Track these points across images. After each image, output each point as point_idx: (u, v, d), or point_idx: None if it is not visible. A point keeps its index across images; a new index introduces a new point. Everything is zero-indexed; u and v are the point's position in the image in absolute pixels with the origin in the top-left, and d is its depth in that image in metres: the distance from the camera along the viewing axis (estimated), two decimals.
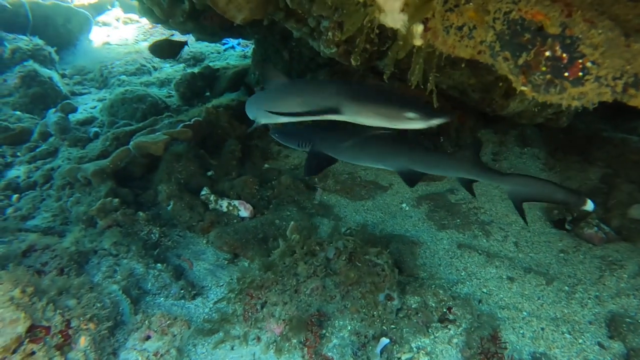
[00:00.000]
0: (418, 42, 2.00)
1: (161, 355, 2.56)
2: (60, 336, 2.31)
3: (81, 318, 2.40)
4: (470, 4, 1.78)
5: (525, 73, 1.71)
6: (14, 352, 2.16)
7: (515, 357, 3.15)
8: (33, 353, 2.17)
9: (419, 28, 1.93)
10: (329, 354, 3.02)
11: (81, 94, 8.95)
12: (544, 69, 1.67)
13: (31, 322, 2.21)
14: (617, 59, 1.58)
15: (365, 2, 1.95)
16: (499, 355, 2.98)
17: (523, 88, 1.78)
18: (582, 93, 1.64)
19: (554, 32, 1.62)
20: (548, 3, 1.63)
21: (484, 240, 4.49)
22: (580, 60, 1.61)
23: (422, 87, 2.35)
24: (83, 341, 2.36)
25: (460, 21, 1.82)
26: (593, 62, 1.60)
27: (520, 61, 1.69)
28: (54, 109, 7.27)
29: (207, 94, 8.23)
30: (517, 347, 3.28)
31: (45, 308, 2.31)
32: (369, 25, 2.06)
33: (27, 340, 2.21)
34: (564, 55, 1.64)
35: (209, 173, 5.22)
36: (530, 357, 3.20)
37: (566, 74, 1.65)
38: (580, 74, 1.64)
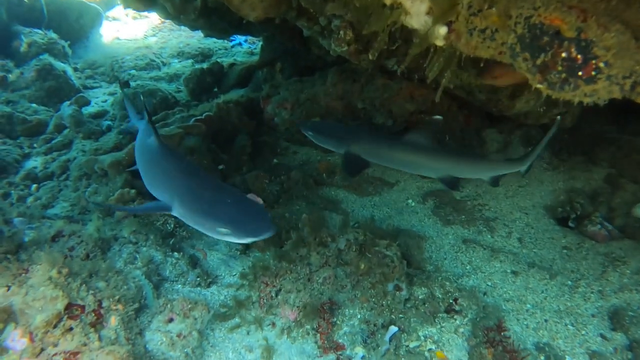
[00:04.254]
0: (440, 42, 2.13)
1: (184, 337, 2.69)
2: (93, 315, 2.46)
3: (110, 299, 2.55)
4: (493, 9, 1.93)
5: (542, 72, 1.86)
6: (55, 326, 2.32)
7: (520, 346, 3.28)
8: (71, 329, 2.32)
9: (442, 30, 2.07)
10: (340, 340, 3.15)
11: (92, 88, 9.09)
12: (559, 68, 1.83)
13: (68, 300, 2.36)
14: (628, 60, 1.73)
15: (392, 4, 2.09)
16: (504, 343, 3.11)
17: (539, 85, 1.94)
18: (594, 90, 1.80)
19: (570, 36, 1.78)
20: (565, 9, 1.79)
21: (489, 236, 4.61)
22: (593, 61, 1.78)
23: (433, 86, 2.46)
24: (113, 321, 2.50)
25: (483, 24, 1.97)
26: (605, 63, 1.76)
27: (539, 62, 1.85)
28: (68, 102, 7.43)
29: (215, 89, 8.35)
30: (521, 337, 3.41)
31: (79, 288, 2.45)
32: (391, 26, 2.20)
33: (66, 316, 2.36)
34: (579, 56, 1.81)
35: (220, 167, 5.35)
36: (534, 346, 3.33)
37: (580, 73, 1.82)
38: (593, 73, 1.81)
